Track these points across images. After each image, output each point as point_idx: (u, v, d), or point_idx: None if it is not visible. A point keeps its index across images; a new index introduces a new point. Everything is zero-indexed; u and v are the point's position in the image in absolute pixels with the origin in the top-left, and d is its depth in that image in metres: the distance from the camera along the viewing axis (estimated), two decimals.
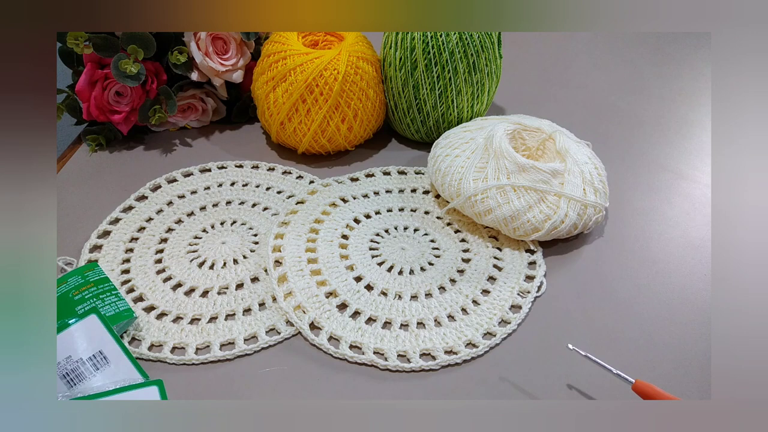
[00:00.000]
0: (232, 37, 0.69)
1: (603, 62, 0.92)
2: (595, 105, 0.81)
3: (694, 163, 0.70)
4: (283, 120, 0.66)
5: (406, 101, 0.67)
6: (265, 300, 0.53)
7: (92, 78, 0.66)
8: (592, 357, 0.45)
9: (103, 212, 0.61)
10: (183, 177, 0.66)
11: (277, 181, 0.66)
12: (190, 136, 0.73)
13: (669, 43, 0.97)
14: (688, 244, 0.59)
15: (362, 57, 0.65)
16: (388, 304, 0.52)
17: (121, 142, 0.72)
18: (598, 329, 0.50)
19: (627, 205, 0.64)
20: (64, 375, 0.42)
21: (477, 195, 0.56)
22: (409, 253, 0.57)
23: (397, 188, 0.65)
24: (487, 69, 0.65)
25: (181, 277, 0.55)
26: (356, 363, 0.48)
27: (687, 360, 0.48)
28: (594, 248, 0.59)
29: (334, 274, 0.55)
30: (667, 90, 0.84)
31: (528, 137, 0.62)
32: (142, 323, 0.50)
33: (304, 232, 0.58)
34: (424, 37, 0.63)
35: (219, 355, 0.48)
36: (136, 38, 0.65)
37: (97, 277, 0.51)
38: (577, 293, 0.54)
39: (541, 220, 0.55)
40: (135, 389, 0.41)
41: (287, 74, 0.63)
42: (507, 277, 0.55)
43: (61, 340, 0.43)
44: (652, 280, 0.55)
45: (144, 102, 0.69)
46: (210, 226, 0.60)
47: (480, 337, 0.49)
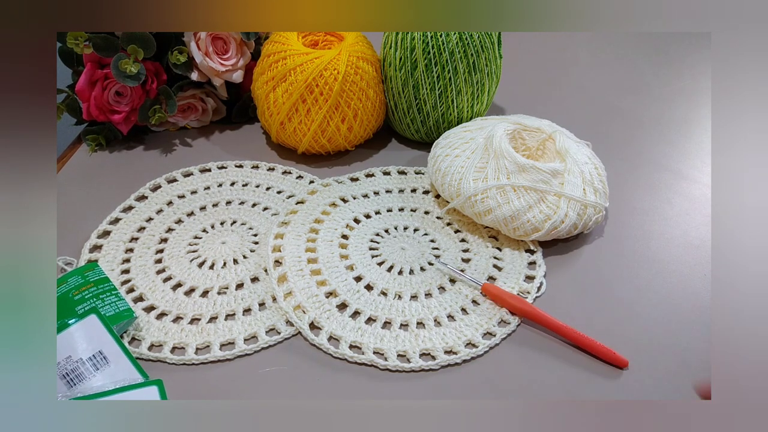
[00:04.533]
0: (232, 37, 0.69)
1: (603, 62, 0.92)
2: (595, 105, 0.81)
3: (694, 163, 0.70)
4: (283, 120, 0.66)
5: (406, 101, 0.67)
6: (265, 300, 0.53)
7: (92, 78, 0.66)
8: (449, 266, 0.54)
9: (103, 212, 0.61)
10: (183, 177, 0.66)
11: (277, 181, 0.66)
12: (190, 136, 0.73)
13: (669, 43, 0.97)
14: (688, 244, 0.59)
15: (362, 57, 0.65)
16: (388, 304, 0.52)
17: (121, 142, 0.72)
18: (598, 329, 0.50)
19: (627, 205, 0.64)
20: (64, 375, 0.42)
21: (477, 195, 0.56)
22: (409, 253, 0.57)
23: (397, 188, 0.65)
24: (487, 69, 0.65)
25: (181, 277, 0.55)
26: (356, 363, 0.48)
27: (687, 360, 0.48)
28: (594, 248, 0.58)
29: (334, 274, 0.55)
30: (667, 90, 0.84)
31: (528, 137, 0.62)
32: (142, 323, 0.50)
33: (304, 232, 0.58)
34: (424, 37, 0.63)
35: (219, 355, 0.48)
36: (136, 38, 0.65)
37: (97, 277, 0.51)
38: (577, 293, 0.54)
39: (541, 220, 0.55)
40: (135, 389, 0.41)
41: (287, 74, 0.63)
42: (507, 277, 0.55)
43: (61, 340, 0.43)
44: (652, 280, 0.55)
45: (144, 102, 0.69)
46: (210, 226, 0.60)
47: (480, 337, 0.49)
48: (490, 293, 0.52)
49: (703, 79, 0.87)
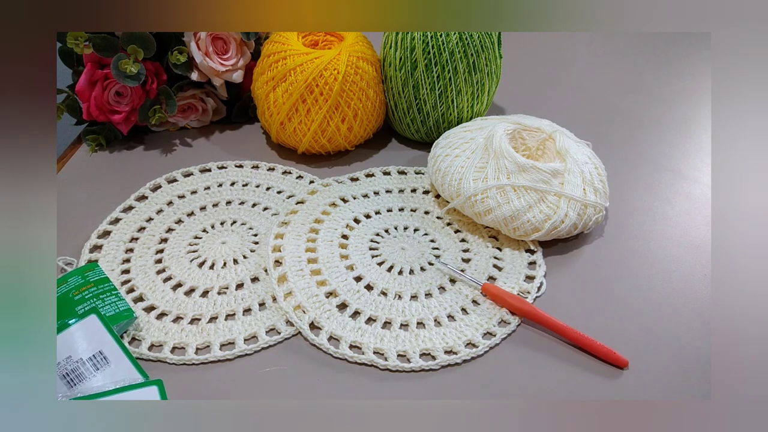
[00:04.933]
0: (232, 37, 0.69)
1: (603, 62, 0.92)
2: (595, 105, 0.81)
3: (694, 163, 0.70)
4: (283, 120, 0.66)
5: (406, 101, 0.67)
6: (265, 300, 0.53)
7: (92, 78, 0.66)
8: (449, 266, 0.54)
9: (103, 212, 0.61)
10: (183, 177, 0.66)
11: (277, 181, 0.66)
12: (190, 136, 0.73)
13: (669, 43, 0.97)
14: (688, 244, 0.59)
15: (362, 57, 0.65)
16: (388, 304, 0.52)
17: (121, 142, 0.72)
18: (598, 329, 0.50)
19: (627, 205, 0.64)
20: (64, 375, 0.42)
21: (477, 195, 0.56)
22: (409, 253, 0.57)
23: (397, 188, 0.65)
24: (487, 69, 0.65)
25: (181, 277, 0.55)
26: (356, 363, 0.48)
27: (687, 360, 0.48)
28: (594, 248, 0.58)
29: (334, 274, 0.55)
30: (667, 90, 0.84)
31: (528, 137, 0.62)
32: (142, 323, 0.50)
33: (304, 232, 0.58)
34: (424, 37, 0.63)
35: (219, 355, 0.48)
36: (136, 38, 0.65)
37: (97, 277, 0.51)
38: (577, 293, 0.54)
39: (541, 220, 0.55)
40: (135, 389, 0.41)
41: (287, 74, 0.63)
42: (507, 277, 0.55)
43: (61, 340, 0.43)
44: (652, 280, 0.55)
45: (144, 102, 0.69)
46: (210, 226, 0.60)
47: (480, 337, 0.49)
48: (490, 293, 0.52)
49: (703, 79, 0.87)
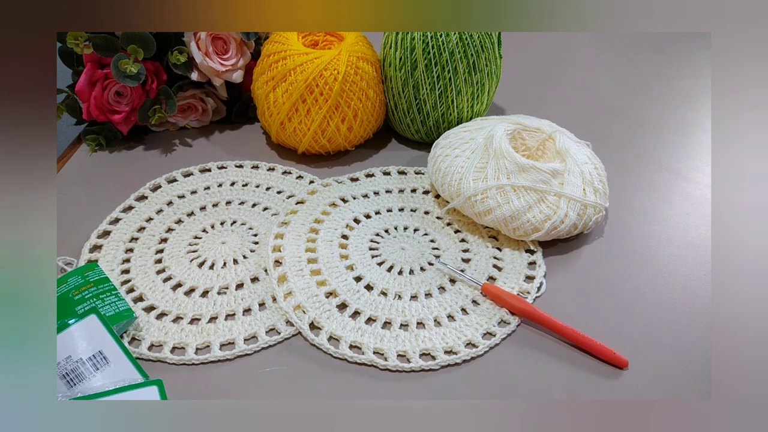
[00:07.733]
0: (232, 37, 0.69)
1: (603, 62, 0.92)
2: (595, 105, 0.81)
3: (694, 163, 0.70)
4: (283, 120, 0.66)
5: (406, 101, 0.67)
6: (265, 300, 0.53)
7: (92, 78, 0.66)
8: (449, 266, 0.54)
9: (103, 212, 0.61)
10: (183, 177, 0.66)
11: (277, 181, 0.66)
12: (190, 136, 0.73)
13: (669, 43, 0.97)
14: (688, 244, 0.59)
15: (362, 57, 0.65)
16: (388, 304, 0.52)
17: (121, 142, 0.72)
18: (598, 329, 0.50)
19: (627, 205, 0.64)
20: (64, 375, 0.42)
21: (477, 195, 0.56)
22: (409, 253, 0.57)
23: (397, 188, 0.65)
24: (487, 69, 0.65)
25: (181, 277, 0.55)
26: (356, 363, 0.48)
27: (687, 360, 0.48)
28: (594, 248, 0.58)
29: (334, 274, 0.55)
30: (667, 90, 0.84)
31: (528, 137, 0.62)
32: (142, 323, 0.50)
33: (304, 232, 0.58)
34: (424, 37, 0.63)
35: (219, 355, 0.48)
36: (136, 38, 0.65)
37: (97, 277, 0.51)
38: (577, 293, 0.54)
39: (541, 220, 0.55)
40: (135, 389, 0.41)
41: (287, 74, 0.63)
42: (507, 277, 0.55)
43: (61, 340, 0.43)
44: (652, 280, 0.55)
45: (144, 102, 0.69)
46: (210, 226, 0.60)
47: (480, 337, 0.49)
48: (490, 293, 0.52)
49: (703, 79, 0.87)
